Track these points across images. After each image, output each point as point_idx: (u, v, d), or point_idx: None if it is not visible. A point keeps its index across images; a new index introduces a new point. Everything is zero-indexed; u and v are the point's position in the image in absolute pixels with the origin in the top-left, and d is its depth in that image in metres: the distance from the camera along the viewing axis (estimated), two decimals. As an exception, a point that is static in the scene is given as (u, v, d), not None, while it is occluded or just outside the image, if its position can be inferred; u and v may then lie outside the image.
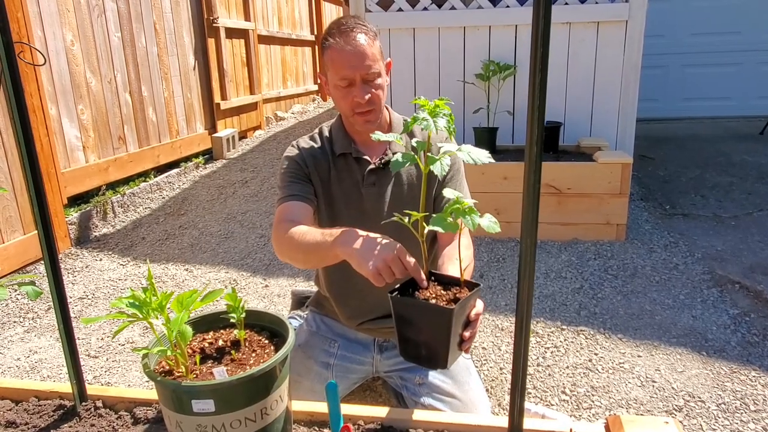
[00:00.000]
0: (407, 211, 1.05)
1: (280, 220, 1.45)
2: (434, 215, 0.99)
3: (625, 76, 3.87)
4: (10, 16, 3.12)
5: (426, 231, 1.04)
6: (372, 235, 1.17)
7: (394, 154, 1.55)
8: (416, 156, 1.04)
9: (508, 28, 3.92)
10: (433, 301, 1.04)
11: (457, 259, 1.35)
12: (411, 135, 1.60)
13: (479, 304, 1.14)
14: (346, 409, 1.09)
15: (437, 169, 1.01)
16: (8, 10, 1.05)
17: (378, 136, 1.10)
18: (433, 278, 1.13)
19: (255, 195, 4.58)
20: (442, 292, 1.07)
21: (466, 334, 1.08)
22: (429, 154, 1.04)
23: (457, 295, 1.05)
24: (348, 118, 1.54)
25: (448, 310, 1.00)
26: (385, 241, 1.14)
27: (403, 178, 1.57)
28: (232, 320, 1.00)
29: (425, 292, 1.07)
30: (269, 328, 1.04)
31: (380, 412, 1.10)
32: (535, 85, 0.80)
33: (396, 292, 1.08)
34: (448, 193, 1.02)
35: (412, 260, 1.10)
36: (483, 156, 1.02)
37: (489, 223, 0.98)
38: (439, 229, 0.97)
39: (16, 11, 3.23)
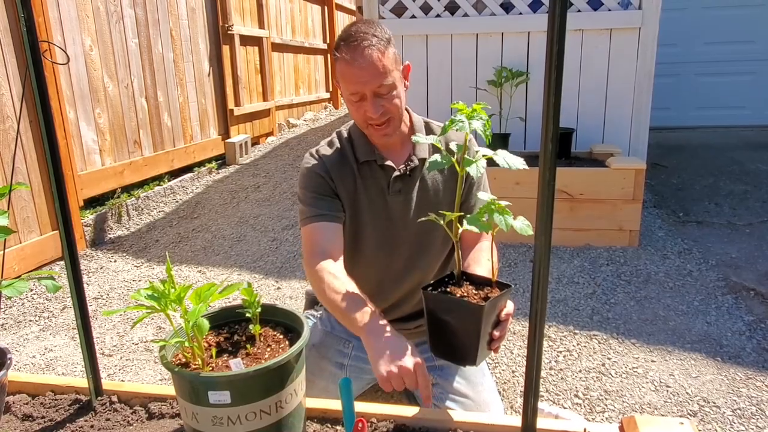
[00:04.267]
0: (442, 212, 1.05)
1: (311, 252, 1.41)
2: (468, 216, 0.99)
3: (638, 83, 3.86)
4: (31, 21, 3.18)
5: (460, 231, 1.05)
6: (399, 338, 1.15)
7: (420, 159, 1.52)
8: (453, 158, 1.05)
9: (520, 35, 3.93)
10: (466, 298, 1.05)
11: (486, 261, 1.36)
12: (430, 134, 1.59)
13: (510, 305, 1.14)
14: (359, 406, 1.09)
15: (473, 170, 1.02)
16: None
17: (418, 138, 1.10)
18: (465, 278, 1.14)
19: (267, 199, 4.60)
20: (474, 291, 1.09)
21: (496, 333, 1.09)
22: (466, 156, 1.05)
23: (489, 294, 1.06)
24: (364, 130, 1.50)
25: (479, 306, 1.02)
26: (408, 350, 1.11)
27: (428, 183, 1.54)
28: (247, 315, 1.01)
29: (458, 290, 1.09)
30: (284, 324, 1.05)
31: (393, 410, 1.10)
32: (551, 81, 0.81)
33: (430, 288, 1.10)
34: (483, 195, 1.03)
35: (426, 376, 1.09)
36: (518, 162, 1.02)
37: (522, 225, 0.98)
38: (474, 228, 0.97)
39: (38, 16, 3.30)
